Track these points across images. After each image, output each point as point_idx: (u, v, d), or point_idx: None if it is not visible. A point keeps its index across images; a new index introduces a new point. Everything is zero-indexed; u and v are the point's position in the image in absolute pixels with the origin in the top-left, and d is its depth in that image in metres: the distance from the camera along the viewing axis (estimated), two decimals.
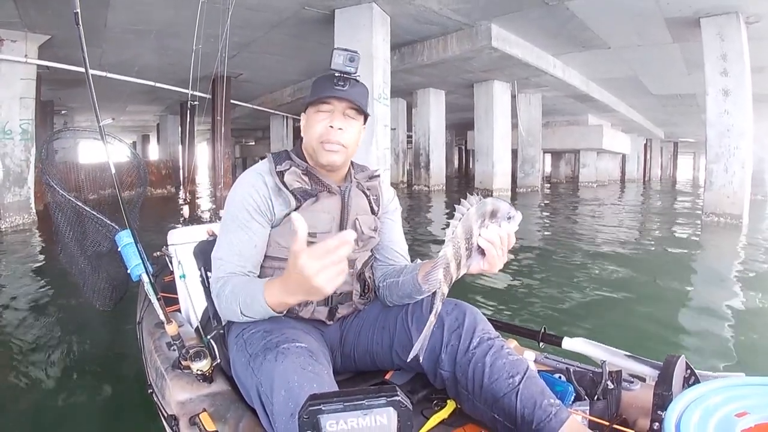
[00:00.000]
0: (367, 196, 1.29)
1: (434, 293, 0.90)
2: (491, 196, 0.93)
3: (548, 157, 26.98)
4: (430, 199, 11.97)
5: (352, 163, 1.31)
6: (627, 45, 9.09)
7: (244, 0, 3.78)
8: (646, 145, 29.09)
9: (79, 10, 1.32)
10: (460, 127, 22.69)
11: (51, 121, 13.43)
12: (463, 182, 20.91)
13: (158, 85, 10.49)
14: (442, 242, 0.90)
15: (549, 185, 21.22)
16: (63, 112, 16.02)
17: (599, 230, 7.20)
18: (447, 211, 9.92)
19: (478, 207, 0.90)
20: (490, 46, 8.55)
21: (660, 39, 8.50)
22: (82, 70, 1.28)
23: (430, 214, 9.18)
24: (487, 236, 0.91)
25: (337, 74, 1.17)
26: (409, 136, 15.93)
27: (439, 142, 13.95)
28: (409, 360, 0.93)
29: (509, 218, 0.93)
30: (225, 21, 3.59)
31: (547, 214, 9.75)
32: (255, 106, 15.32)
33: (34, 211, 7.68)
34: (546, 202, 12.57)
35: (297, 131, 21.11)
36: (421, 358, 0.95)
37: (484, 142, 12.96)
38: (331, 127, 1.18)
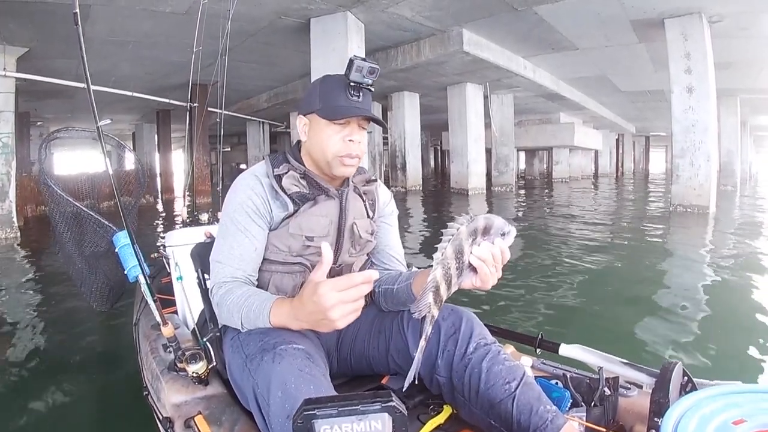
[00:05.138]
0: (363, 200, 1.28)
1: (423, 317, 0.88)
2: (467, 196, 0.91)
3: (522, 155, 27.42)
4: (408, 200, 12.00)
5: None
6: (595, 46, 9.33)
7: (220, 10, 3.76)
8: (618, 140, 29.68)
9: (78, 11, 1.30)
10: (436, 128, 22.81)
11: (28, 133, 13.10)
12: (439, 182, 20.94)
13: (136, 95, 10.35)
14: (427, 240, 0.88)
15: (524, 182, 21.48)
16: (39, 123, 15.71)
17: (577, 230, 7.29)
18: (424, 209, 9.98)
19: (470, 225, 0.88)
20: (462, 50, 8.70)
21: (626, 40, 8.74)
22: (61, 81, 1.27)
23: (410, 214, 9.20)
24: (479, 254, 0.89)
25: (352, 84, 1.13)
26: (385, 139, 15.97)
27: (414, 144, 14.01)
28: (404, 389, 0.92)
29: (503, 234, 0.91)
30: (221, 27, 3.57)
31: (524, 214, 9.88)
32: (233, 113, 15.19)
33: (17, 225, 7.52)
34: (521, 200, 12.72)
35: (274, 137, 21.01)
36: (415, 382, 0.94)
37: (458, 143, 13.11)
38: (351, 141, 1.16)
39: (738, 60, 9.91)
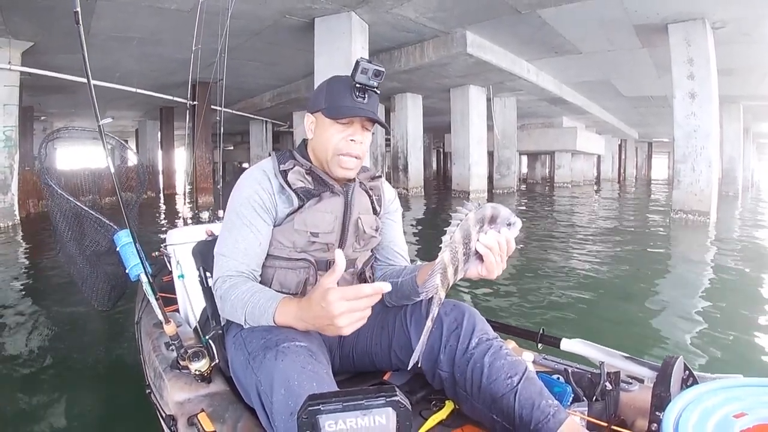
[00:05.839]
0: (369, 196, 1.29)
1: (431, 298, 0.88)
2: (469, 198, 0.92)
3: (524, 158, 27.39)
4: (410, 201, 12.02)
5: None
6: (598, 50, 9.34)
7: (225, 8, 3.78)
8: (620, 145, 29.66)
9: (79, 9, 1.30)
10: (438, 131, 22.83)
11: (31, 127, 13.14)
12: (441, 184, 20.97)
13: (140, 91, 10.40)
14: (429, 241, 0.88)
15: (525, 186, 21.51)
16: (42, 118, 15.75)
17: (578, 229, 7.31)
18: (425, 210, 9.98)
19: (477, 212, 0.89)
20: (465, 52, 8.72)
21: (629, 44, 8.75)
22: (65, 76, 1.27)
23: (412, 215, 9.21)
24: (485, 242, 0.90)
25: (357, 86, 1.15)
26: (387, 140, 15.98)
27: (416, 146, 14.00)
28: (409, 368, 0.92)
29: (509, 225, 0.92)
30: (223, 24, 3.60)
31: (525, 214, 9.88)
32: (236, 112, 15.20)
33: (18, 217, 7.61)
34: (524, 201, 12.73)
35: (276, 136, 21.01)
36: (419, 364, 0.94)
37: (460, 145, 13.09)
38: (352, 140, 1.18)
39: (740, 66, 9.92)
